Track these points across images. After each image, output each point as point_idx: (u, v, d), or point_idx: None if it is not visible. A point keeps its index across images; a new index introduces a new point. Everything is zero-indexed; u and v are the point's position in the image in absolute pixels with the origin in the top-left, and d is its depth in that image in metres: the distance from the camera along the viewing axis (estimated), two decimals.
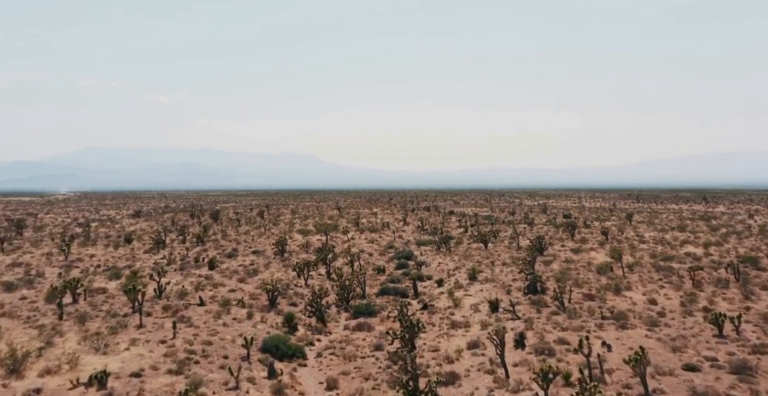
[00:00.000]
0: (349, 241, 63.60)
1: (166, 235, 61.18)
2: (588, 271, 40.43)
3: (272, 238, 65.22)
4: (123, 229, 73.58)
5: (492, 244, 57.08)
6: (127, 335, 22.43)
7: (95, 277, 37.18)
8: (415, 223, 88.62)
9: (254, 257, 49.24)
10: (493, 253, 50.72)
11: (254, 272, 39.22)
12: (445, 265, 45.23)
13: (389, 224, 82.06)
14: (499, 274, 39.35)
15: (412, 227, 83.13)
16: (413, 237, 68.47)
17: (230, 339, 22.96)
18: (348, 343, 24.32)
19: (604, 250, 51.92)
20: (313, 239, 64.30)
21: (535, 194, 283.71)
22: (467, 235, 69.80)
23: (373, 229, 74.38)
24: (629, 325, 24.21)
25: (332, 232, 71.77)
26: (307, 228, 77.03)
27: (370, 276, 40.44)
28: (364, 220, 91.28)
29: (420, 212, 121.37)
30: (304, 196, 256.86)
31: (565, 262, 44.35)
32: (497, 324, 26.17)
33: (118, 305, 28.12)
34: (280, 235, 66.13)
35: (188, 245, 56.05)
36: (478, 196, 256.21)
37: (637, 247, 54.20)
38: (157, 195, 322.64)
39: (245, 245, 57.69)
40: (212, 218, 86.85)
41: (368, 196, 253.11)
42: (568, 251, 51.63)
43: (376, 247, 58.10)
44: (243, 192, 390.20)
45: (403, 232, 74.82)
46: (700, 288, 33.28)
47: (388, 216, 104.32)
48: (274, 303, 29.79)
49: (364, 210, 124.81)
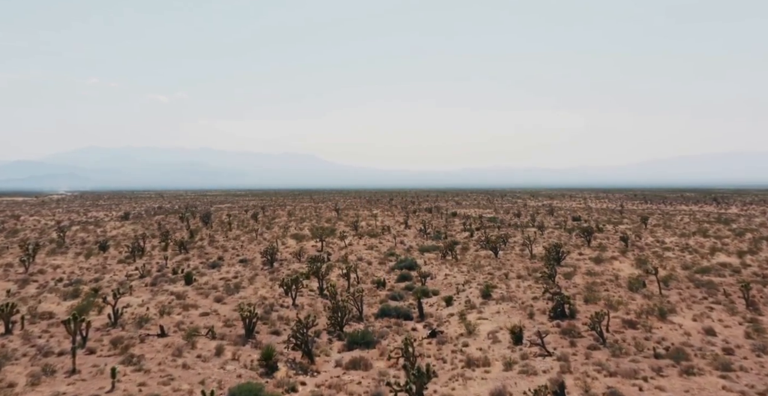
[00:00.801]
0: (347, 247, 58.61)
1: (146, 242, 56.09)
2: (617, 286, 35.37)
3: (264, 244, 60.27)
4: (104, 234, 68.56)
5: (502, 252, 52.06)
6: (51, 387, 17.35)
7: (49, 294, 32.11)
8: (417, 226, 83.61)
9: (240, 267, 44.23)
10: (505, 263, 45.68)
11: (236, 288, 34.12)
12: (453, 277, 40.20)
13: (390, 228, 77.07)
14: (516, 291, 34.30)
15: (414, 231, 78.13)
16: (416, 242, 63.49)
17: (187, 389, 17.90)
18: (339, 390, 19.32)
19: (628, 259, 46.85)
20: (307, 245, 59.28)
21: (538, 194, 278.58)
22: (473, 240, 64.78)
23: (373, 234, 69.41)
24: (695, 370, 19.13)
25: (329, 237, 66.81)
26: (302, 232, 72.03)
27: (369, 291, 35.47)
28: (363, 223, 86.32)
29: (422, 214, 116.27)
30: (303, 197, 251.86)
31: (588, 275, 39.31)
32: (523, 362, 21.18)
33: (60, 337, 23.03)
34: (272, 240, 61.17)
35: (169, 253, 51.05)
36: (480, 197, 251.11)
37: (662, 255, 49.17)
38: (155, 195, 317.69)
39: (233, 253, 52.68)
40: (202, 221, 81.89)
41: (368, 197, 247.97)
42: (587, 260, 46.57)
43: (375, 255, 53.11)
44: (242, 192, 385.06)
45: (405, 236, 69.81)
46: (758, 310, 28.23)
47: (388, 218, 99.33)
48: (251, 332, 24.74)
49: (364, 211, 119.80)
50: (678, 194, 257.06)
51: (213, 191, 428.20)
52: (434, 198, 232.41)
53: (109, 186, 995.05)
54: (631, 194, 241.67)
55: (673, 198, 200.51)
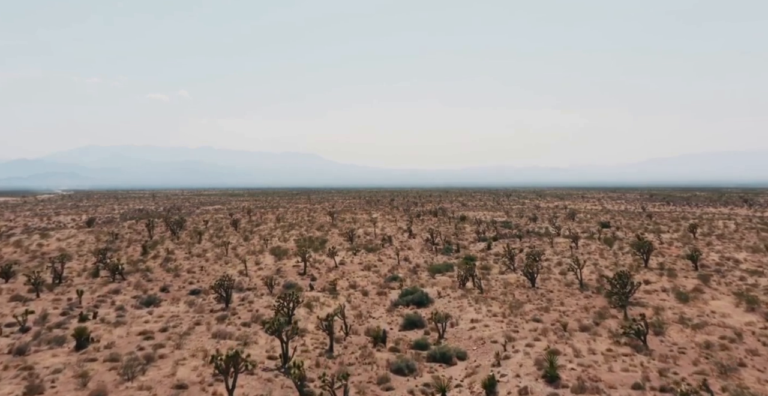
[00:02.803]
0: (337, 267, 46.25)
1: (62, 265, 43.61)
2: (750, 353, 22.80)
3: (234, 263, 47.95)
4: (40, 248, 56.14)
5: (538, 276, 39.59)
6: None
7: None
8: (423, 234, 71.28)
9: (184, 306, 31.89)
10: (550, 299, 33.23)
11: (147, 361, 21.53)
12: (484, 325, 27.81)
13: (391, 238, 64.69)
14: (594, 363, 21.73)
15: (420, 241, 65.89)
16: (423, 258, 51.23)
17: None
18: None
19: (722, 293, 34.25)
20: (288, 265, 46.88)
21: (544, 194, 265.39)
22: (492, 255, 52.50)
23: (371, 248, 56.93)
24: None
25: (319, 252, 54.51)
26: (285, 245, 59.68)
27: (362, 356, 23.23)
28: (361, 231, 73.91)
29: (426, 217, 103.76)
30: (301, 197, 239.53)
31: (685, 326, 26.75)
32: None
33: None
34: (245, 258, 48.80)
35: (99, 281, 38.62)
36: (485, 196, 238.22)
37: (757, 283, 36.72)
38: (148, 195, 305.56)
39: (186, 279, 40.25)
40: (171, 230, 69.45)
41: (368, 197, 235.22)
42: (664, 294, 34.05)
43: (373, 279, 40.85)
44: (240, 191, 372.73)
45: (410, 250, 57.50)
46: None
47: (389, 224, 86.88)
48: None
49: (362, 215, 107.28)
50: (690, 194, 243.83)
51: (211, 191, 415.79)
52: (437, 198, 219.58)
53: (109, 184, 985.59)
54: (646, 194, 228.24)
55: (687, 198, 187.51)
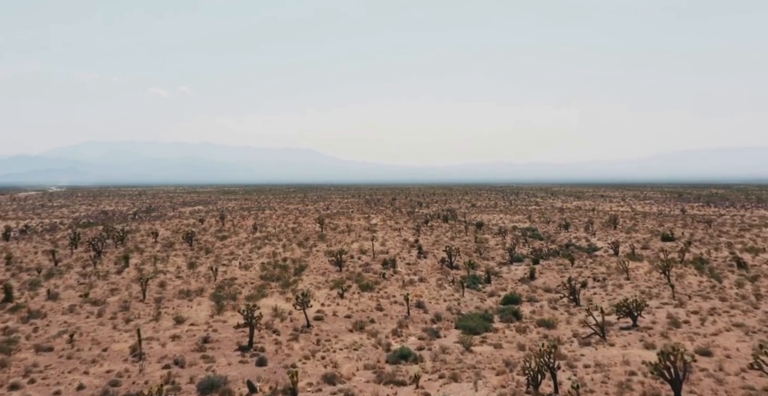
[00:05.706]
0: (309, 327, 28.75)
1: None
2: None
3: (147, 318, 30.61)
4: None
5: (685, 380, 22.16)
6: None
7: None
8: (436, 251, 53.87)
9: None
10: None
11: None
12: None
13: (395, 262, 47.11)
14: None
15: (433, 262, 48.81)
16: (443, 298, 33.94)
17: None
18: None
19: None
20: (227, 325, 29.27)
21: (555, 192, 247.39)
22: (541, 290, 35.08)
23: (366, 284, 38.96)
24: None
25: (290, 288, 37.14)
26: (245, 275, 42.24)
27: None
28: (355, 247, 56.20)
29: (435, 223, 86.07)
30: (296, 195, 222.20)
31: None
32: None
33: None
34: (139, 326, 31.42)
35: None
36: (493, 195, 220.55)
37: None
38: (137, 192, 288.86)
39: (48, 375, 23.02)
40: (94, 249, 51.53)
41: (368, 195, 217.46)
42: None
43: (368, 357, 23.56)
44: (235, 188, 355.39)
45: (422, 282, 40.06)
46: None
47: (391, 233, 69.23)
48: None
49: (359, 220, 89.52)
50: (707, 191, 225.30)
51: (207, 187, 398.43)
52: (443, 197, 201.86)
53: (109, 180, 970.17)
54: (674, 193, 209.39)
55: (708, 197, 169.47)
